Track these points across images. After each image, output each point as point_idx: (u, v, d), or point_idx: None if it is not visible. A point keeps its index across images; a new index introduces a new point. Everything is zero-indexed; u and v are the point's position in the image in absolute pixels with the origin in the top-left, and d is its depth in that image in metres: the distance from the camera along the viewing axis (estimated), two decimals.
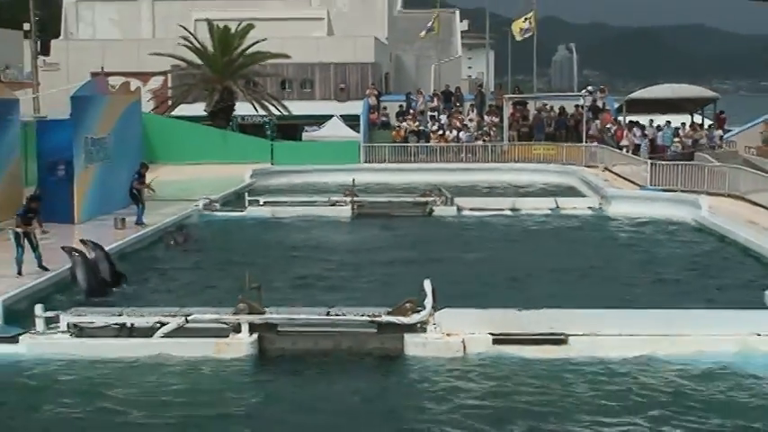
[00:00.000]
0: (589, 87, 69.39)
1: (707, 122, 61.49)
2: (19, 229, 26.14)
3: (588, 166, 54.80)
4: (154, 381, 18.86)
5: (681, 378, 18.61)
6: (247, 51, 65.78)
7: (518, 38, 79.04)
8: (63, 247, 26.70)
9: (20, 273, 25.84)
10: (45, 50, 75.34)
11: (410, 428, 16.38)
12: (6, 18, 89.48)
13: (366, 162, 58.97)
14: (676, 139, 56.14)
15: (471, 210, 42.30)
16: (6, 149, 36.23)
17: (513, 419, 16.57)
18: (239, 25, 66.75)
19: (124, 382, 18.75)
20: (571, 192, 49.60)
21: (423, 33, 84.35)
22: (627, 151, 54.38)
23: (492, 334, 20.45)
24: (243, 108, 65.58)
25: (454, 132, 63.31)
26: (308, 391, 18.55)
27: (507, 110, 63.53)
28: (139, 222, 35.41)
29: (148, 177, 37.27)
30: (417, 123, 64.97)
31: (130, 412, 17.10)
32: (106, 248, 28.92)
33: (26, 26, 70.57)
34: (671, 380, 18.54)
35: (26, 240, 26.19)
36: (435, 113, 66.88)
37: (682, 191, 42.58)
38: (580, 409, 17.12)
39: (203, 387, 18.57)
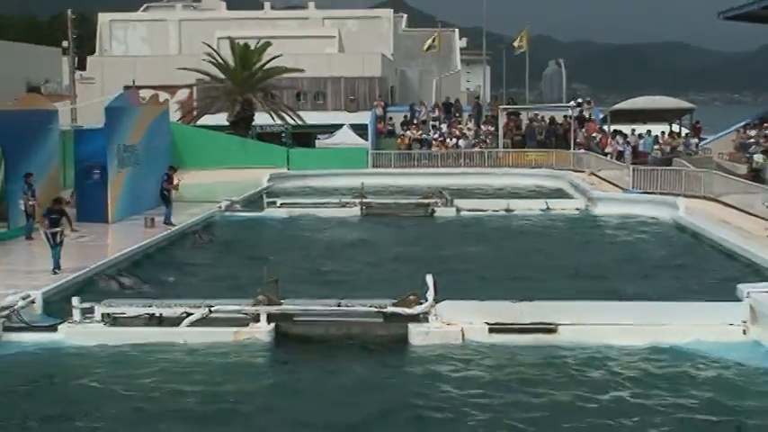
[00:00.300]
0: (578, 99, 69.49)
1: (684, 131, 61.46)
2: (48, 230, 25.77)
3: (576, 171, 54.64)
4: (180, 366, 18.95)
5: (659, 364, 18.66)
6: (265, 66, 65.79)
7: (517, 52, 79.65)
8: (98, 276, 26.56)
9: (58, 268, 25.61)
10: (81, 66, 75.27)
11: (412, 409, 16.41)
12: (46, 35, 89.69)
13: (374, 167, 58.86)
14: (656, 147, 56.12)
15: (469, 210, 42.29)
16: (47, 155, 36.29)
17: (505, 403, 16.62)
18: (258, 43, 66.78)
19: (153, 366, 18.82)
20: (560, 194, 49.63)
21: (425, 48, 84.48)
22: (611, 157, 54.32)
23: (488, 323, 20.53)
24: (261, 118, 65.52)
25: (454, 140, 63.43)
26: (318, 374, 18.62)
27: (502, 119, 63.49)
28: (167, 222, 35.43)
29: (175, 179, 37.28)
30: (420, 132, 65.15)
31: (158, 394, 17.19)
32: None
33: (64, 44, 70.53)
34: (650, 366, 18.58)
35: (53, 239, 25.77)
36: (436, 123, 67.03)
37: (661, 193, 42.51)
38: (568, 392, 17.16)
39: (225, 371, 18.63)
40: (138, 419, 15.96)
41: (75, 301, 21.31)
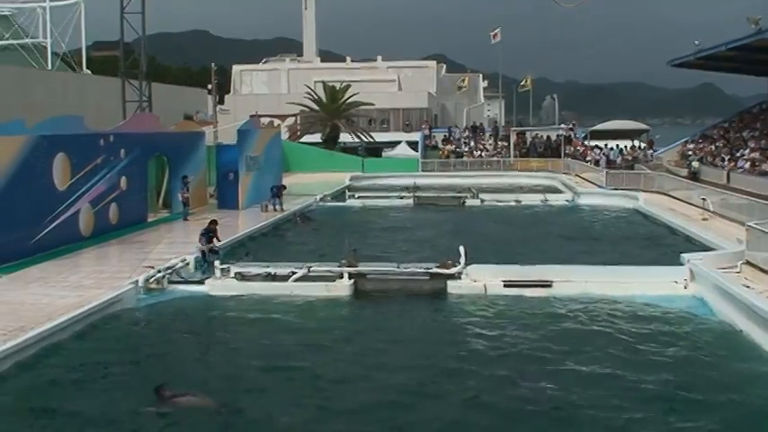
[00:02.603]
0: (572, 124, 69.09)
1: (642, 145, 60.93)
2: (204, 247, 23.25)
3: (565, 174, 54.20)
4: (288, 308, 19.07)
5: (624, 309, 18.56)
6: (347, 101, 65.92)
7: (521, 90, 79.16)
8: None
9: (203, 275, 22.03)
10: (221, 101, 75.92)
11: (450, 338, 16.47)
12: (196, 80, 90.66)
13: (423, 171, 58.69)
14: (622, 156, 55.59)
15: (490, 201, 41.95)
16: (198, 163, 36.67)
17: (515, 333, 16.66)
18: (342, 84, 67.09)
19: (269, 310, 18.99)
20: (554, 190, 49.06)
21: (458, 87, 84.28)
22: (590, 164, 53.88)
23: (503, 281, 20.42)
24: (344, 137, 65.65)
25: (479, 152, 63.21)
26: (385, 315, 18.70)
27: (513, 137, 63.11)
28: (280, 209, 35.56)
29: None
30: (455, 146, 64.94)
31: (273, 328, 17.34)
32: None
33: (209, 86, 71.19)
34: (617, 310, 18.49)
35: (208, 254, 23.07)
36: (467, 140, 66.80)
37: (626, 189, 42.13)
38: (558, 326, 17.20)
39: (319, 313, 18.78)
40: (259, 342, 16.16)
41: (216, 263, 21.51)
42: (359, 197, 43.14)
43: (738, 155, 45.60)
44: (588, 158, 56.21)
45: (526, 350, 15.55)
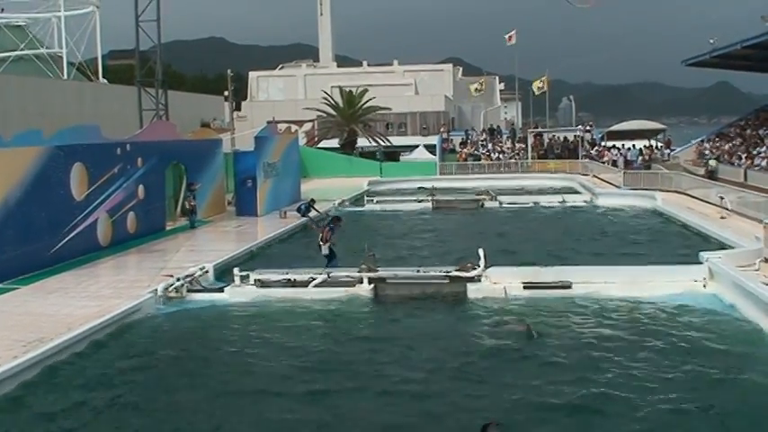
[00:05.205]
0: (589, 125, 68.76)
1: (659, 144, 60.59)
2: (326, 244, 23.07)
3: (583, 174, 54.01)
4: (308, 313, 18.98)
5: (646, 310, 18.35)
6: (364, 106, 65.96)
7: (536, 92, 78.64)
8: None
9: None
10: (237, 108, 76.05)
11: (471, 341, 16.29)
12: (213, 88, 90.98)
13: (441, 174, 58.58)
14: (640, 156, 55.30)
15: (508, 203, 41.81)
16: (215, 170, 36.74)
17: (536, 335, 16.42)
18: (358, 89, 67.12)
19: (289, 316, 18.88)
20: (572, 191, 48.81)
21: (474, 90, 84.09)
22: (608, 164, 53.67)
23: (523, 282, 20.30)
24: (362, 141, 65.66)
25: (496, 154, 63.10)
26: (405, 319, 18.54)
27: (530, 139, 63.05)
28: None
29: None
30: (473, 149, 64.83)
31: (292, 335, 17.23)
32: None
33: (226, 93, 71.37)
34: (638, 311, 18.31)
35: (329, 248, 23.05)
36: (484, 142, 66.72)
37: (644, 189, 41.94)
38: (579, 328, 17.02)
39: (339, 318, 18.66)
40: (279, 348, 16.06)
41: (236, 270, 21.49)
42: (377, 201, 43.06)
43: (755, 153, 45.21)
44: (605, 159, 55.98)
45: (545, 352, 15.36)
